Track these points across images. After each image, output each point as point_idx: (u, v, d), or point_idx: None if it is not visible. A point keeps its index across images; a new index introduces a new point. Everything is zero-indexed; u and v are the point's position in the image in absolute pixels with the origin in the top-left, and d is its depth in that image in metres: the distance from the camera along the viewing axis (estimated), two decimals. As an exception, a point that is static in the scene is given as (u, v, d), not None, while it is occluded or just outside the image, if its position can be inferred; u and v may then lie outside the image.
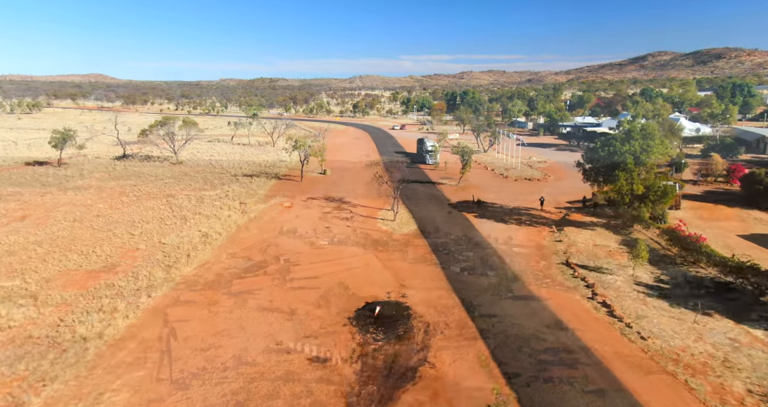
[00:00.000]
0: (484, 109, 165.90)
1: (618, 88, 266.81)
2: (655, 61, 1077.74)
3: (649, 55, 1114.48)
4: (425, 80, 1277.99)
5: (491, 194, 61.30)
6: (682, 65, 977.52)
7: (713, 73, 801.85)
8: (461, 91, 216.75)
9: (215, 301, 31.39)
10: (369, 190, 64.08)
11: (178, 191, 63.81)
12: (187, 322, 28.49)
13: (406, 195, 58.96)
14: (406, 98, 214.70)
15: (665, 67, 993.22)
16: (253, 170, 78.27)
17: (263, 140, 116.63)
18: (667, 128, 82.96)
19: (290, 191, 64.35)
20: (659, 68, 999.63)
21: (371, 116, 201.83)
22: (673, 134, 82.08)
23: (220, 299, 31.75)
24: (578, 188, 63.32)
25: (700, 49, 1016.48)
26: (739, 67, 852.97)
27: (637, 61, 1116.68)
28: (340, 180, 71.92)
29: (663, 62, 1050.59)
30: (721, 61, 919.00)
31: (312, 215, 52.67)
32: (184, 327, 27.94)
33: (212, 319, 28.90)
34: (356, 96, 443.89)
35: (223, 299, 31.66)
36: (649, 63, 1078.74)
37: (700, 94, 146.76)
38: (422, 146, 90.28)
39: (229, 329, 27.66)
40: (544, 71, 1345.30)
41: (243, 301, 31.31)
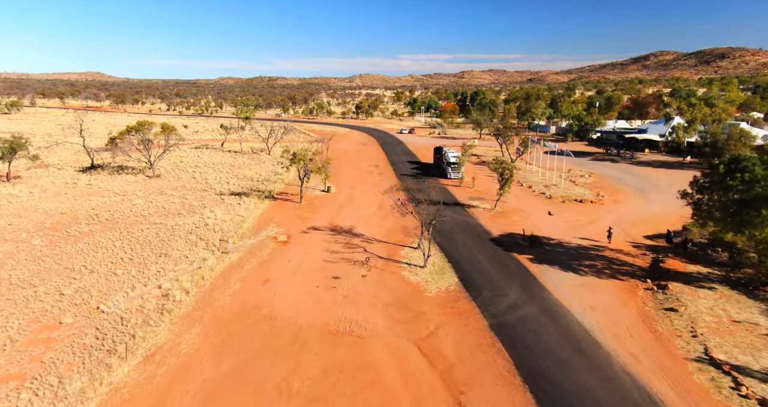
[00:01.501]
0: (499, 110, 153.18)
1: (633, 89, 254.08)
2: (658, 60, 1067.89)
3: (651, 55, 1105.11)
4: (425, 80, 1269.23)
5: (540, 222, 48.58)
6: (685, 65, 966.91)
7: (717, 73, 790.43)
8: (472, 91, 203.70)
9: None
10: (384, 215, 51.35)
11: (146, 217, 50.97)
12: None
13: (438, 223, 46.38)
14: (411, 99, 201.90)
15: (668, 67, 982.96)
16: (243, 187, 65.43)
17: (257, 146, 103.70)
18: (737, 135, 70.18)
19: (287, 217, 51.57)
20: (662, 68, 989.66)
21: (375, 117, 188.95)
22: (744, 144, 69.41)
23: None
24: (647, 214, 50.63)
25: (703, 48, 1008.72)
26: (743, 67, 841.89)
27: (639, 61, 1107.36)
28: (347, 201, 59.14)
29: (666, 62, 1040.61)
30: (724, 61, 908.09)
31: (315, 257, 39.88)
32: None
33: None
34: (357, 96, 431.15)
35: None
36: (651, 63, 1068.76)
37: (742, 95, 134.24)
38: (441, 156, 77.53)
39: None
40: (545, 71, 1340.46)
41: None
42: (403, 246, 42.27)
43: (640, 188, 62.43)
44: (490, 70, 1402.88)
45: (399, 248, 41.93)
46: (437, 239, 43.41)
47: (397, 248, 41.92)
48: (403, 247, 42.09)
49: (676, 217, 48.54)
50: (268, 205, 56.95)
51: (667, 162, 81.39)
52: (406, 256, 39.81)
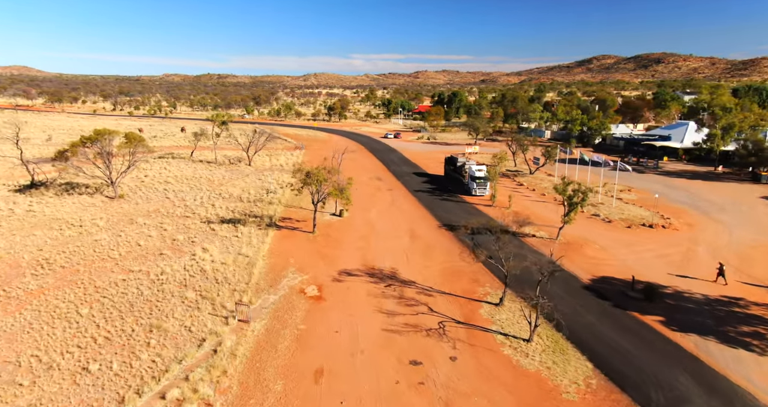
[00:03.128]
0: (485, 113, 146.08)
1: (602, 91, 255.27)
2: (600, 64, 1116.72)
3: (594, 59, 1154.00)
4: (381, 79, 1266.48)
5: (623, 257, 40.20)
6: (625, 69, 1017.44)
7: (654, 76, 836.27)
8: (450, 92, 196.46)
9: None
10: (424, 249, 41.50)
11: (117, 261, 38.76)
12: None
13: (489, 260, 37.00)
14: (385, 100, 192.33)
15: (610, 70, 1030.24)
16: (233, 211, 53.68)
17: (232, 155, 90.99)
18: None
19: (305, 256, 40.74)
20: (604, 71, 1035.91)
21: (348, 120, 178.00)
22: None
23: None
24: (741, 243, 43.21)
25: (641, 53, 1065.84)
26: (676, 72, 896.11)
27: (583, 64, 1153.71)
28: (368, 229, 48.81)
29: (608, 65, 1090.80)
30: (660, 66, 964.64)
31: (368, 323, 29.59)
32: None
33: None
34: (317, 95, 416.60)
35: None
36: (594, 66, 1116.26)
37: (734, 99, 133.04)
38: (457, 168, 68.49)
39: None
40: (496, 72, 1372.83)
41: None
42: (479, 301, 32.56)
43: (699, 207, 55.61)
44: (444, 71, 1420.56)
45: (473, 304, 32.19)
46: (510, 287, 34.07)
47: (470, 304, 32.17)
48: (480, 303, 32.39)
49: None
50: (274, 236, 45.77)
51: (697, 172, 75.79)
52: (492, 319, 30.11)
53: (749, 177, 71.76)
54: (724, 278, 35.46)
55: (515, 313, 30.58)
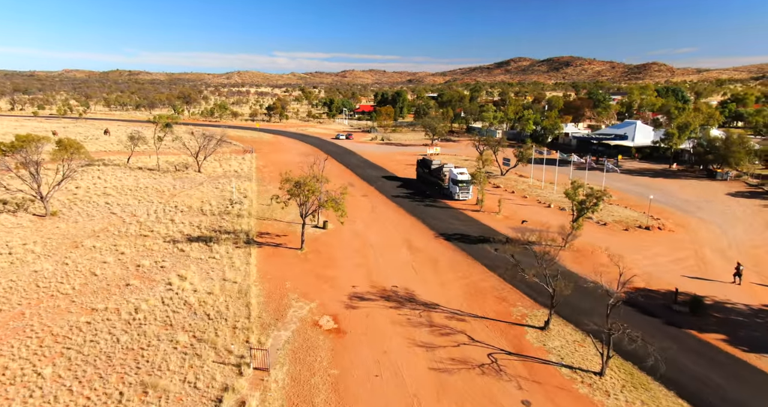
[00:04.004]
0: (432, 112, 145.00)
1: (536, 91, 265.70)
2: (517, 66, 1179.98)
3: (512, 61, 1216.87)
4: (309, 78, 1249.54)
5: (639, 263, 39.04)
6: (540, 71, 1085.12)
7: (564, 78, 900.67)
8: (393, 91, 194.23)
9: None
10: (431, 264, 38.02)
11: (72, 298, 31.80)
12: None
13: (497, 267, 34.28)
14: (327, 99, 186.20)
15: (526, 72, 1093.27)
16: (200, 226, 47.17)
17: (176, 161, 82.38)
18: (738, 141, 68.22)
19: (302, 278, 35.84)
20: (521, 73, 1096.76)
21: (290, 120, 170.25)
22: (746, 151, 67.75)
23: None
24: (740, 243, 43.68)
25: (552, 56, 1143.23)
26: (583, 74, 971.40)
27: (502, 66, 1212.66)
28: (360, 242, 44.55)
29: (524, 67, 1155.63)
30: (569, 68, 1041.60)
31: (409, 361, 25.68)
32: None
33: None
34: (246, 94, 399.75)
35: None
36: (512, 68, 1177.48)
37: (660, 99, 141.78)
38: (433, 170, 65.65)
39: None
40: (421, 72, 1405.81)
41: None
42: (520, 325, 29.52)
43: (679, 206, 56.61)
44: (371, 70, 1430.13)
45: (515, 329, 29.10)
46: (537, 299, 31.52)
47: (512, 329, 29.05)
48: (522, 327, 29.34)
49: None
50: (257, 256, 40.28)
51: (656, 170, 78.46)
52: (545, 347, 27.08)
53: (705, 174, 75.27)
54: (739, 278, 35.29)
55: (566, 338, 27.85)
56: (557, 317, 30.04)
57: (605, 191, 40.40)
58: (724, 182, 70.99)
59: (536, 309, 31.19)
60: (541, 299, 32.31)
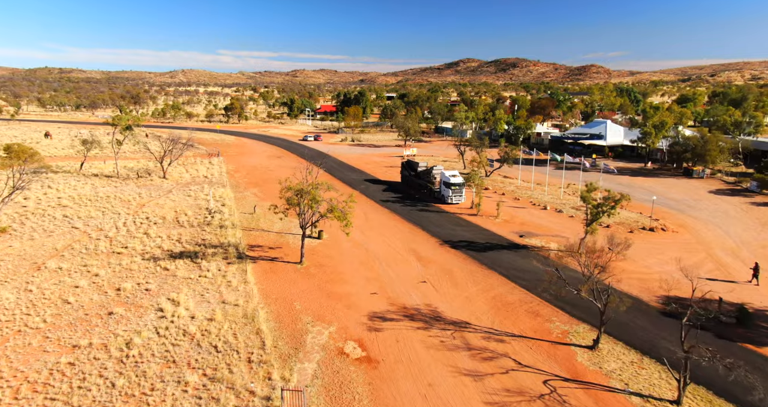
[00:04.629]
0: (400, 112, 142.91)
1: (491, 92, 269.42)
2: (466, 67, 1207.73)
3: (461, 62, 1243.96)
4: (258, 77, 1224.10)
5: (656, 266, 38.13)
6: (488, 72, 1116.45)
7: (512, 79, 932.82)
8: (356, 91, 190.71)
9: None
10: (444, 274, 35.48)
11: (46, 333, 27.09)
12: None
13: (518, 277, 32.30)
14: (288, 100, 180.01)
15: (475, 73, 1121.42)
16: (181, 240, 42.55)
17: (135, 166, 75.94)
18: (715, 141, 69.79)
19: (311, 298, 32.41)
20: (471, 73, 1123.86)
21: (250, 121, 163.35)
22: (722, 150, 69.40)
23: None
24: (756, 244, 43.66)
25: (500, 58, 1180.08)
26: (529, 75, 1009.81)
27: (452, 67, 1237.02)
28: (362, 252, 41.46)
29: (473, 68, 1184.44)
30: (516, 69, 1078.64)
31: (457, 396, 23.05)
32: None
33: None
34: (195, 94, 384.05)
35: None
36: (461, 68, 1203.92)
37: (619, 99, 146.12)
38: (419, 173, 63.40)
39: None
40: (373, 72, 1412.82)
41: None
42: (565, 345, 27.31)
43: (671, 206, 56.81)
44: (322, 70, 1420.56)
45: (561, 349, 26.85)
46: (587, 320, 29.69)
47: (557, 350, 26.77)
48: (568, 347, 27.12)
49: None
50: (254, 272, 36.41)
51: (633, 169, 79.52)
52: (602, 371, 24.77)
53: (681, 172, 76.93)
54: (757, 279, 34.97)
55: (621, 359, 25.77)
56: (594, 330, 28.10)
57: (624, 194, 39.17)
58: (700, 180, 72.62)
59: (575, 325, 29.19)
60: (576, 313, 30.38)
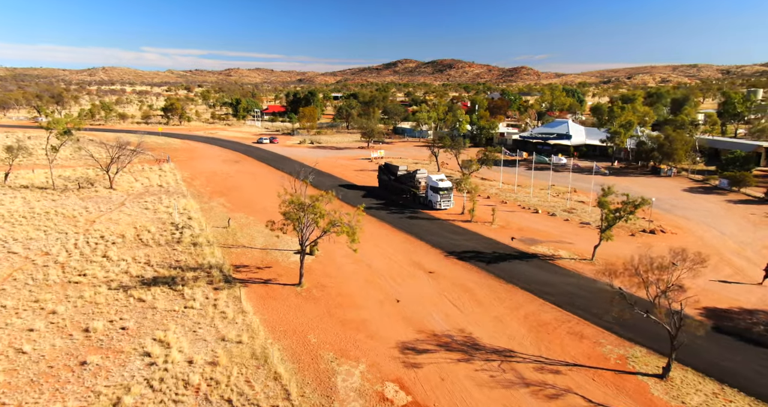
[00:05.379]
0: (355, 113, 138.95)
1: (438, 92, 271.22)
2: (404, 67, 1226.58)
3: (399, 62, 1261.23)
4: (190, 76, 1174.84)
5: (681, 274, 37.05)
6: (425, 72, 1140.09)
7: (449, 79, 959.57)
8: (307, 91, 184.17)
9: None
10: (460, 293, 32.48)
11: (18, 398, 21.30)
12: None
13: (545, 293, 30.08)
14: (234, 100, 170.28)
15: (413, 73, 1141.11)
16: (150, 262, 36.78)
17: (73, 175, 67.37)
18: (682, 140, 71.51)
19: (325, 328, 28.31)
20: (408, 74, 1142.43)
21: (192, 122, 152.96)
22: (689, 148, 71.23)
23: None
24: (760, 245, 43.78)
25: (436, 59, 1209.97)
26: (465, 76, 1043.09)
27: (390, 67, 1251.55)
28: (362, 268, 37.60)
29: (410, 69, 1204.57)
30: (452, 70, 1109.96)
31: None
32: None
33: None
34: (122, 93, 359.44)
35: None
36: (399, 69, 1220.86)
37: (569, 99, 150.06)
38: (399, 178, 60.26)
39: None
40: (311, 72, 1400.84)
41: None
42: (629, 374, 24.76)
43: (658, 206, 56.54)
44: (258, 69, 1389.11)
45: (628, 379, 24.20)
46: (618, 332, 27.57)
47: (623, 380, 24.07)
48: (633, 376, 24.58)
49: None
50: (248, 298, 31.66)
51: (600, 169, 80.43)
52: (687, 406, 22.62)
53: (649, 171, 78.62)
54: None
55: (699, 388, 23.36)
56: (652, 354, 26.04)
57: (645, 199, 37.76)
58: (668, 178, 74.38)
59: (629, 347, 26.77)
60: (624, 333, 28.00)
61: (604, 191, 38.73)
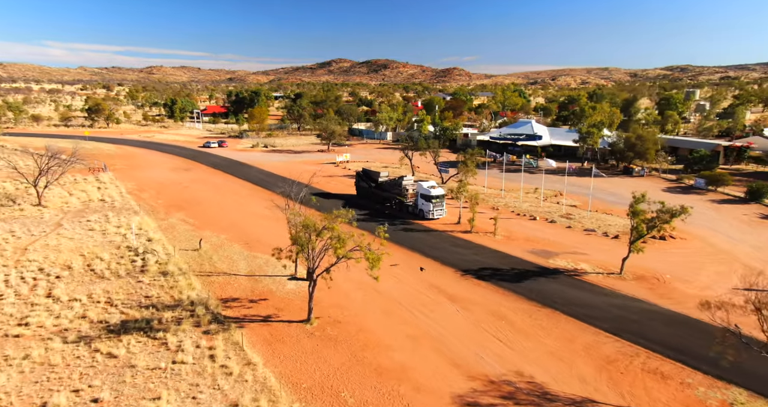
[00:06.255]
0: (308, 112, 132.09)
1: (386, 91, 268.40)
2: (339, 67, 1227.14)
3: (333, 62, 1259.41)
4: (106, 73, 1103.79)
5: (715, 286, 34.99)
6: (360, 72, 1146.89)
7: (384, 79, 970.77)
8: (250, 90, 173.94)
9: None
10: (494, 318, 28.52)
11: None
12: None
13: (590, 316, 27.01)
14: (169, 100, 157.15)
15: (348, 73, 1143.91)
16: (111, 301, 29.78)
17: (-13, 188, 57.08)
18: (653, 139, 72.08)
19: (357, 385, 23.33)
20: (343, 73, 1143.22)
21: (124, 125, 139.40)
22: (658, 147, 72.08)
23: None
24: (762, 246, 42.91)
25: (371, 59, 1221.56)
26: (400, 76, 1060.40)
27: (324, 66, 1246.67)
28: (375, 296, 32.69)
29: (345, 68, 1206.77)
30: (387, 70, 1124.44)
31: None
32: None
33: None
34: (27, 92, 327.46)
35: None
36: (334, 68, 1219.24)
37: (521, 99, 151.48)
38: (381, 185, 55.82)
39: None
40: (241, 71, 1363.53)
41: None
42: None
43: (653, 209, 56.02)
44: (183, 67, 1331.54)
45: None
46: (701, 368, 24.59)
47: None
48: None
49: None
50: (250, 343, 25.86)
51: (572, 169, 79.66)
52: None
53: (621, 171, 78.84)
54: None
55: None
56: (757, 397, 22.95)
57: (685, 207, 35.32)
58: (641, 178, 74.75)
59: (723, 389, 23.03)
60: (707, 369, 24.34)
61: (635, 199, 36.04)
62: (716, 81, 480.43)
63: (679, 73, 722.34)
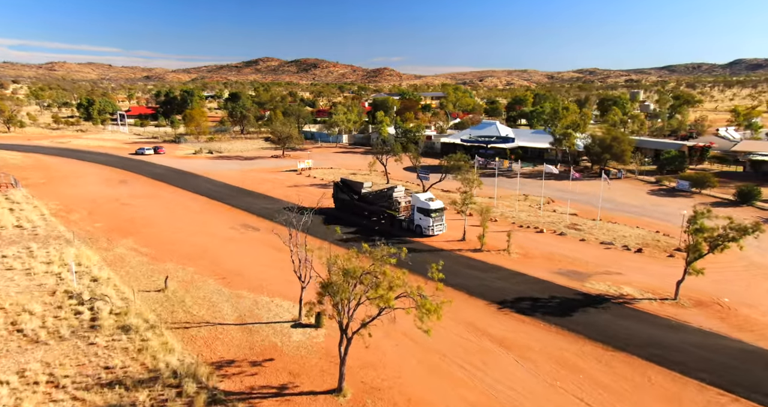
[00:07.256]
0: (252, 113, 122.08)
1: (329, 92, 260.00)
2: (267, 65, 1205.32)
3: (260, 60, 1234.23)
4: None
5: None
6: (289, 71, 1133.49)
7: (314, 78, 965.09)
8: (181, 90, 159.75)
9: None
10: (556, 364, 23.72)
11: None
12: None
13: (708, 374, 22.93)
14: (84, 100, 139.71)
15: (276, 72, 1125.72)
16: (53, 379, 21.57)
17: None
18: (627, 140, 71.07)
19: None
20: (272, 73, 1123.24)
21: (29, 128, 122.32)
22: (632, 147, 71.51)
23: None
24: None
25: (300, 58, 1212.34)
26: (330, 76, 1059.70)
27: (251, 65, 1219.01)
28: (405, 343, 26.57)
29: (273, 67, 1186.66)
30: (317, 70, 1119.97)
31: None
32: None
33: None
34: None
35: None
36: (261, 67, 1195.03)
37: (472, 100, 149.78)
38: (366, 197, 49.83)
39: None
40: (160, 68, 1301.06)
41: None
42: None
43: (646, 214, 53.86)
44: (90, 64, 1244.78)
45: None
46: None
47: None
48: None
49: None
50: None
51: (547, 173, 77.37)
52: None
53: (597, 174, 77.24)
54: None
55: None
56: None
57: (760, 224, 31.73)
58: (620, 180, 73.49)
59: None
60: None
61: (696, 214, 32.16)
62: (623, 83, 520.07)
63: (590, 76, 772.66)
